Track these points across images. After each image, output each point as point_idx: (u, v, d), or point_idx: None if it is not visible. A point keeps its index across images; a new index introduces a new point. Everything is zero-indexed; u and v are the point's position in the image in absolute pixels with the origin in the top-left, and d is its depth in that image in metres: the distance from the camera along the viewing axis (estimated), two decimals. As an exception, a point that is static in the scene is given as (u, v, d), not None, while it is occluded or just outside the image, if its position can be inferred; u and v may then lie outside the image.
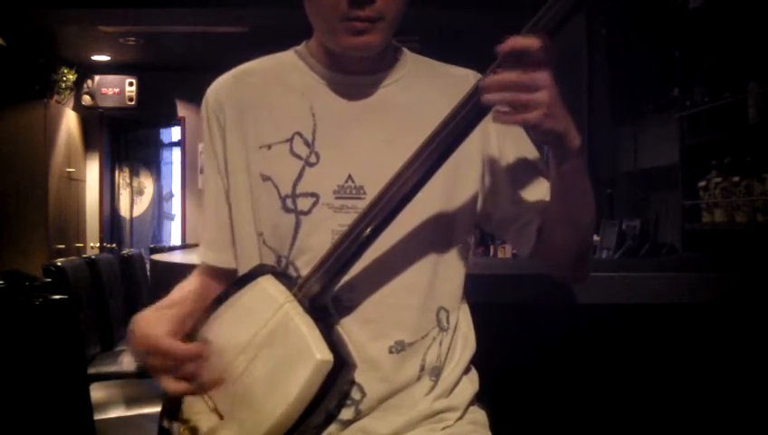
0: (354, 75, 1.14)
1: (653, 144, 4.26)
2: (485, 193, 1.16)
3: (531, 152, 1.18)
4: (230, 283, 1.17)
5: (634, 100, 4.33)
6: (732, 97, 3.20)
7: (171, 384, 1.05)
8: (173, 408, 1.10)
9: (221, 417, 1.04)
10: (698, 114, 3.49)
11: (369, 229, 1.01)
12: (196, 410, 1.07)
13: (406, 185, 1.01)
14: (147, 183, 8.04)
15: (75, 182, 6.77)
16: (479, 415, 1.16)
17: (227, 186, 1.17)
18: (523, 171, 1.17)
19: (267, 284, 1.05)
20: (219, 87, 1.18)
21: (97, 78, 6.91)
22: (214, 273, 1.21)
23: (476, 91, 0.98)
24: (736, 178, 3.20)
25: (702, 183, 3.46)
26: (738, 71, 3.21)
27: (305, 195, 1.10)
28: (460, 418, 1.13)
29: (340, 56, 1.12)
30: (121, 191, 7.83)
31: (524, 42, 0.95)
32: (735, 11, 3.23)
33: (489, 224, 1.20)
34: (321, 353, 0.96)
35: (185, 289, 1.21)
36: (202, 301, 1.15)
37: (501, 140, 1.16)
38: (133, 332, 1.10)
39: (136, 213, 7.92)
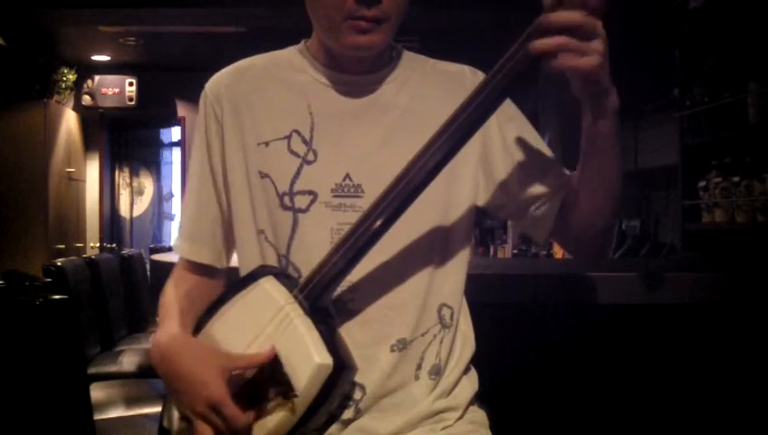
0: (352, 74, 1.14)
1: (653, 144, 4.26)
2: (494, 185, 1.15)
3: (536, 139, 1.17)
4: (212, 277, 1.17)
5: (634, 100, 4.33)
6: (732, 97, 3.20)
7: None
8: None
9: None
10: (698, 114, 3.49)
11: (377, 223, 0.99)
12: None
13: (415, 178, 0.98)
14: (147, 183, 8.04)
15: (75, 182, 6.77)
16: (479, 415, 1.16)
17: (222, 181, 1.16)
18: (531, 155, 1.15)
19: (268, 285, 1.04)
20: (218, 81, 1.18)
21: (97, 78, 6.90)
22: (195, 268, 1.20)
23: (523, 43, 0.93)
24: (736, 178, 3.19)
25: (702, 183, 3.45)
26: (738, 71, 3.21)
27: (303, 193, 1.10)
28: (460, 418, 1.13)
29: (339, 55, 1.12)
30: (121, 191, 7.83)
31: None
32: (735, 11, 3.23)
33: (502, 213, 1.19)
34: (321, 357, 0.96)
35: (177, 292, 1.17)
36: (194, 303, 1.14)
37: (502, 130, 1.15)
38: (173, 361, 1.04)
39: (136, 213, 7.92)
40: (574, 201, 1.13)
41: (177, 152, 7.80)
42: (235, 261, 1.20)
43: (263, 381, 1.00)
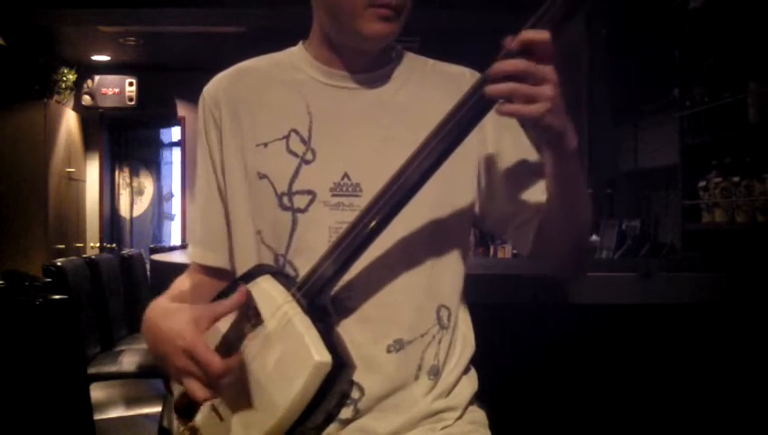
0: (351, 73, 1.14)
1: (653, 144, 4.26)
2: (482, 193, 1.16)
3: (529, 152, 1.17)
4: (222, 280, 1.17)
5: (634, 100, 4.33)
6: (732, 97, 3.20)
7: (199, 391, 0.99)
8: (189, 407, 1.06)
9: (221, 418, 1.04)
10: (698, 114, 3.49)
11: (373, 223, 1.00)
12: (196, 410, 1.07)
13: (409, 179, 0.99)
14: (147, 183, 8.04)
15: (75, 182, 6.77)
16: (479, 415, 1.16)
17: (223, 184, 1.16)
18: (520, 170, 1.16)
19: (266, 284, 1.04)
20: (216, 85, 1.18)
21: (97, 78, 6.91)
22: (206, 271, 1.21)
23: (482, 84, 0.97)
24: (736, 178, 3.19)
25: (702, 183, 3.45)
26: (738, 71, 3.21)
27: (302, 192, 1.10)
28: (459, 417, 1.13)
29: (339, 53, 1.13)
30: (121, 191, 7.83)
31: (536, 34, 0.94)
32: (735, 11, 3.23)
33: (486, 224, 1.19)
34: (320, 355, 0.96)
35: (184, 286, 1.21)
36: (199, 299, 1.15)
37: (498, 139, 1.15)
38: (155, 325, 1.05)
39: (136, 213, 7.92)
40: (547, 226, 1.14)
41: (177, 152, 7.80)
42: None
43: (240, 331, 1.01)
